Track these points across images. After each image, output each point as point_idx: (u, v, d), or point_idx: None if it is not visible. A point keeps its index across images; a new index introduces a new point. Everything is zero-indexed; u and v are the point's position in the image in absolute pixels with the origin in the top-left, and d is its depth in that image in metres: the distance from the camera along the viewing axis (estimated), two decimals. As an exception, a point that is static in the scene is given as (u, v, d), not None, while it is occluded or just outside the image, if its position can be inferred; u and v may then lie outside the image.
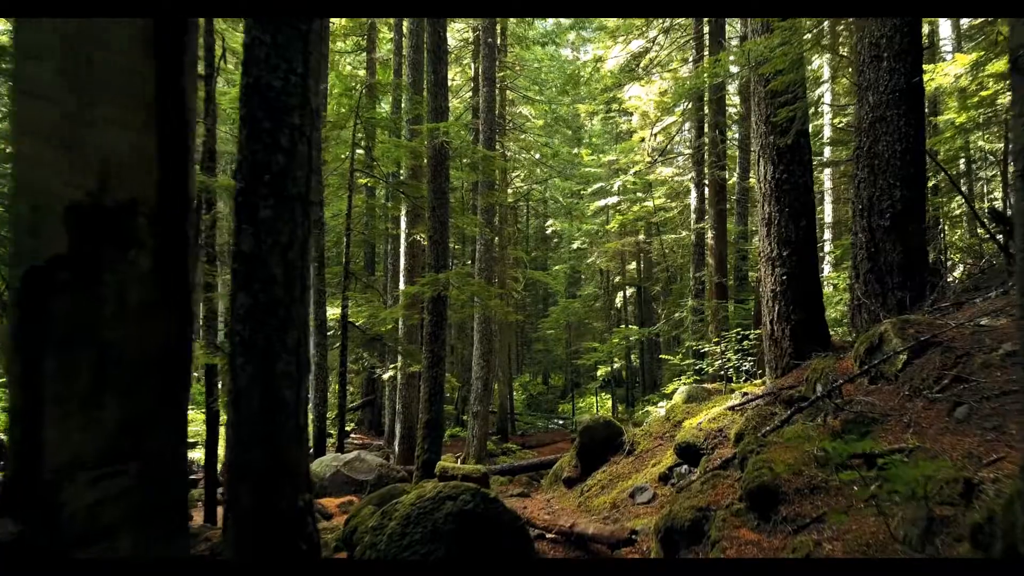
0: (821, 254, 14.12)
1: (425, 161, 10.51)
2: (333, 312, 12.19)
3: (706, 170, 14.90)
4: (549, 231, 33.01)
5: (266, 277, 2.86)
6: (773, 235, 5.16)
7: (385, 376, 13.27)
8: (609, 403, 26.42)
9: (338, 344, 11.31)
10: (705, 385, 10.74)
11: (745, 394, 5.16)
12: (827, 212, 16.24)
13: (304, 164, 2.98)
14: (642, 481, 4.99)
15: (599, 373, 28.99)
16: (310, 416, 11.87)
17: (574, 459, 6.69)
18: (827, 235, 15.99)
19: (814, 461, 3.12)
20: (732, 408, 4.94)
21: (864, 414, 3.35)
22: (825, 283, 11.94)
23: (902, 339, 4.01)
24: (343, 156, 11.68)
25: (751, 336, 10.84)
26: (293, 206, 2.93)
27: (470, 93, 20.62)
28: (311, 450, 11.32)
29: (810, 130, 7.12)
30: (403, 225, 12.77)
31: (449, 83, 23.94)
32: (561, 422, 26.64)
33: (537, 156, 24.12)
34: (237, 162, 2.95)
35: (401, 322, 12.88)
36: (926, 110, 7.82)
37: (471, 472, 7.44)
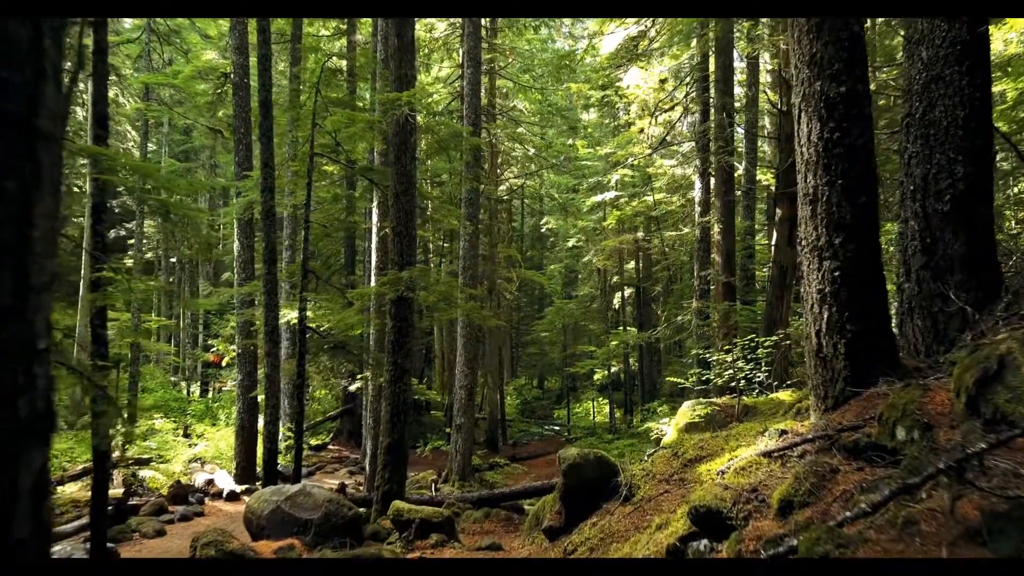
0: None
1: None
2: (295, 315, 10.83)
3: (712, 158, 13.52)
4: (544, 229, 31.68)
5: (-65, 266, 1.52)
6: (820, 216, 3.81)
7: (352, 387, 11.88)
8: (607, 408, 25.10)
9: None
10: (714, 400, 9.35)
11: (783, 432, 3.79)
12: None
13: (20, 62, 1.63)
14: (643, 554, 3.63)
15: (596, 377, 27.62)
16: (260, 433, 10.49)
17: (557, 503, 5.32)
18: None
19: (950, 593, 1.76)
20: (768, 454, 3.57)
21: (1019, 498, 1.99)
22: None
23: (1038, 364, 2.64)
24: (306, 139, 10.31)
25: (766, 343, 9.47)
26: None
27: (459, 81, 19.25)
28: (260, 480, 9.95)
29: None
30: (374, 218, 11.41)
31: (438, 72, 22.61)
32: (556, 428, 25.30)
33: (532, 151, 22.76)
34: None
35: (372, 327, 11.51)
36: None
37: (432, 515, 6.07)
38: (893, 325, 6.76)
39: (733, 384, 9.43)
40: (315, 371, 12.62)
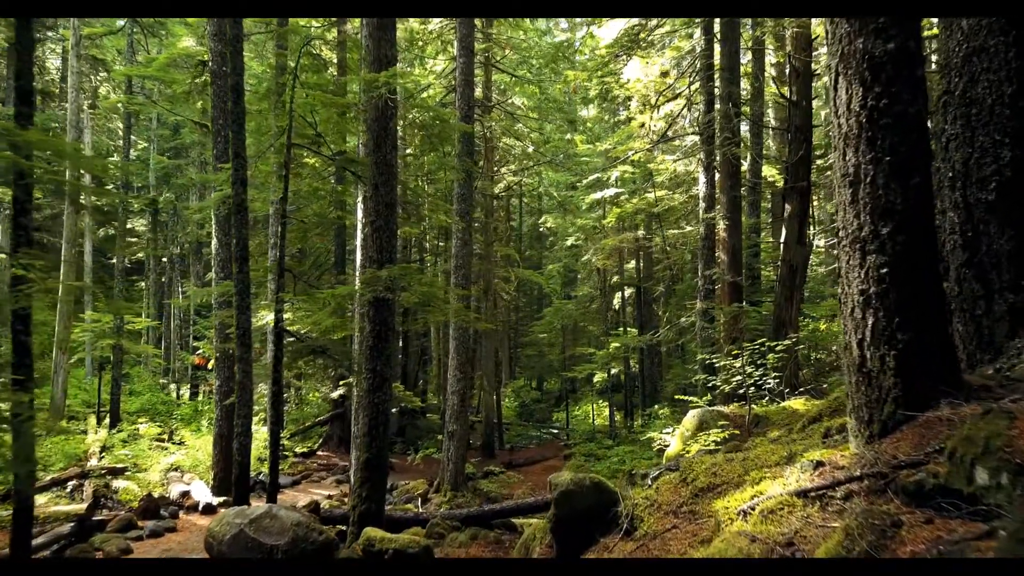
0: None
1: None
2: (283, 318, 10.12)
3: (717, 152, 12.82)
4: (543, 228, 30.98)
5: None
6: (863, 201, 3.13)
7: (334, 395, 11.19)
8: (607, 411, 24.41)
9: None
10: (721, 409, 8.66)
11: (819, 465, 3.11)
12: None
13: None
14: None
15: (596, 380, 26.90)
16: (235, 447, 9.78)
17: (548, 535, 4.65)
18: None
19: None
20: (803, 493, 2.90)
21: None
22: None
23: None
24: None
25: (777, 348, 8.78)
26: None
27: (454, 74, 18.56)
28: (232, 495, 9.28)
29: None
30: (359, 213, 10.71)
31: (433, 66, 21.91)
32: (555, 431, 24.59)
33: (530, 147, 22.06)
34: None
35: (357, 330, 10.82)
36: None
37: (407, 544, 5.39)
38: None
39: (741, 391, 8.75)
40: (299, 375, 11.95)
